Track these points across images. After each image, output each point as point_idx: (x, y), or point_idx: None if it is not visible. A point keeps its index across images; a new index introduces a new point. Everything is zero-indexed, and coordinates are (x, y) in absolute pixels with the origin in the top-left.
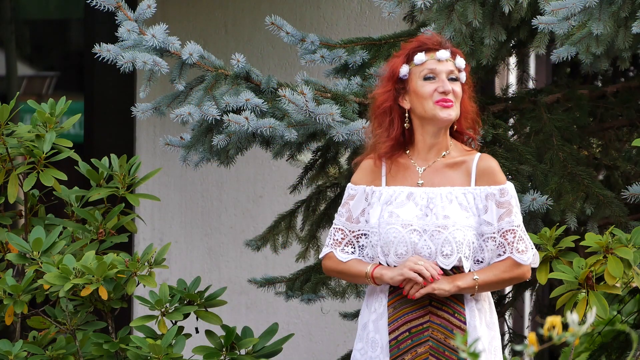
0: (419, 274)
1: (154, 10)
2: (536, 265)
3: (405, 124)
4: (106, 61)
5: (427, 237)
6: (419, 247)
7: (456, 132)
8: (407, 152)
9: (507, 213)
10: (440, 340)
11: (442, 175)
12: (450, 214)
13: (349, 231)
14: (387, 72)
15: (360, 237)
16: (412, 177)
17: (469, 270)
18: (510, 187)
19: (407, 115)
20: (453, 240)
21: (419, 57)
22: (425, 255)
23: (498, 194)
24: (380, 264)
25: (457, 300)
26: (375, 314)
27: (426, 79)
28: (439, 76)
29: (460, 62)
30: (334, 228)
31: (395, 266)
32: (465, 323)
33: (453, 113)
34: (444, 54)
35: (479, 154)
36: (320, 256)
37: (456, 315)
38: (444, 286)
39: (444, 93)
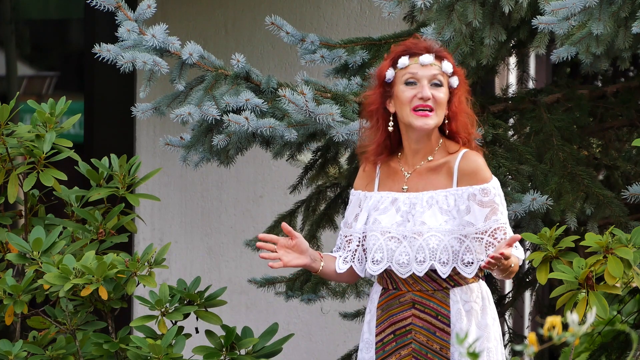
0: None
1: (154, 10)
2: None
3: (389, 128)
4: (106, 61)
5: (407, 243)
6: (397, 254)
7: (450, 133)
8: (399, 155)
9: (492, 212)
10: (423, 342)
11: (426, 180)
12: (426, 220)
13: (343, 235)
14: (376, 74)
15: (351, 242)
16: (399, 182)
17: (447, 276)
18: (492, 184)
19: (391, 119)
20: (426, 247)
21: (403, 61)
22: (404, 262)
23: (480, 194)
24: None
25: (441, 302)
26: (369, 315)
27: (407, 83)
28: (420, 81)
29: (447, 66)
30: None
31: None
32: (449, 325)
33: (430, 122)
34: (427, 58)
35: (462, 152)
36: None
37: (439, 317)
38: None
39: (422, 99)
